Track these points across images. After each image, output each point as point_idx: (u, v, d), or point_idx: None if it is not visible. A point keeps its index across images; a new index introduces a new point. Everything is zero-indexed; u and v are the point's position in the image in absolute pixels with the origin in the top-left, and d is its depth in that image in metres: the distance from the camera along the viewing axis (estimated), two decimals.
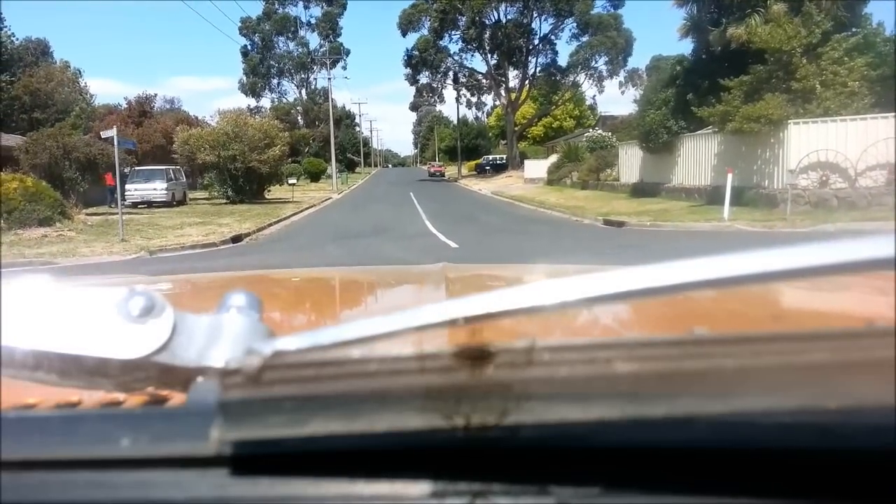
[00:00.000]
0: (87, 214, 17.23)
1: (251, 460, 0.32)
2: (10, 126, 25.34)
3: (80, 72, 37.96)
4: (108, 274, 6.41)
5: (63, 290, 0.34)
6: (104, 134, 12.46)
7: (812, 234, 10.26)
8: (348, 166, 67.23)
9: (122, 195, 23.04)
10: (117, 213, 13.34)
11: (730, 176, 11.70)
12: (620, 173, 21.82)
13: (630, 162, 20.83)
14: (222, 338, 0.33)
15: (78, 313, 0.33)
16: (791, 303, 0.92)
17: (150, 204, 21.96)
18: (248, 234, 13.52)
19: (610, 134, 27.58)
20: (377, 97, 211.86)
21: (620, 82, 49.03)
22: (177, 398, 0.37)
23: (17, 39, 36.87)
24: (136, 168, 23.52)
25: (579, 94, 52.61)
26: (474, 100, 57.59)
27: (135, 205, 22.15)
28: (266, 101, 62.00)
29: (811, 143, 12.01)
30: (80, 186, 17.62)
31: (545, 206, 19.44)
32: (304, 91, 62.09)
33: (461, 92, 54.68)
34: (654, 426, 0.30)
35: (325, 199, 28.92)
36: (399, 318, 0.31)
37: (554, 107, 51.80)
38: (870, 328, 0.31)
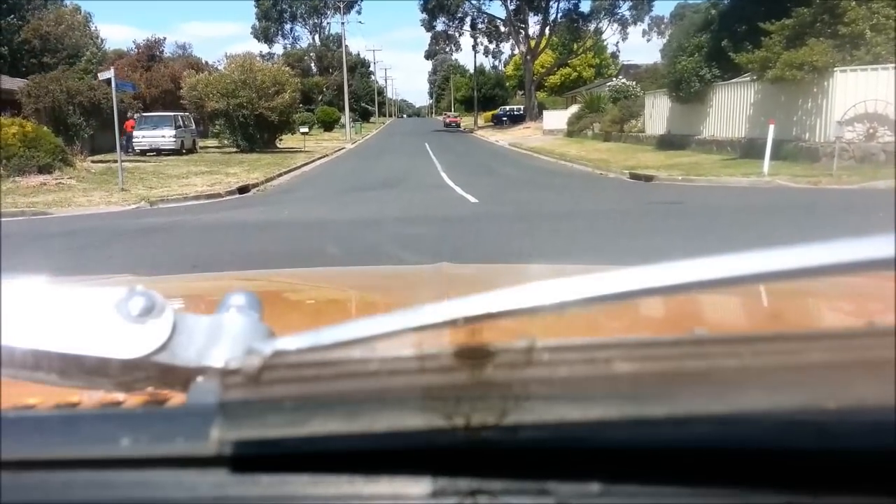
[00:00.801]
0: (94, 161, 16.68)
1: (251, 460, 0.33)
2: (21, 71, 25.01)
3: (90, 15, 36.96)
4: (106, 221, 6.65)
5: (63, 290, 0.35)
6: (102, 76, 11.82)
7: (860, 191, 9.35)
8: (362, 116, 66.27)
9: (128, 143, 22.22)
10: (126, 161, 12.67)
11: (771, 127, 10.91)
12: (646, 124, 20.95)
13: (657, 112, 19.92)
14: (222, 338, 0.34)
15: (78, 313, 0.34)
16: (791, 303, 0.92)
17: (158, 151, 21.97)
18: (255, 185, 12.96)
19: (634, 83, 26.33)
20: (392, 44, 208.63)
21: (644, 30, 47.00)
22: (177, 398, 0.38)
23: None
24: (144, 114, 23.06)
25: (600, 43, 50.71)
26: (492, 48, 55.82)
27: (143, 152, 21.67)
28: (279, 48, 60.61)
29: (858, 92, 11.22)
30: (84, 132, 16.94)
31: (566, 158, 19.17)
32: (317, 37, 60.59)
33: (478, 40, 52.89)
34: (654, 426, 0.30)
35: (338, 149, 28.30)
36: (399, 318, 0.31)
37: (574, 56, 49.98)
38: (870, 328, 0.31)
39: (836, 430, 0.31)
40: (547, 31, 44.90)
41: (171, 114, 23.25)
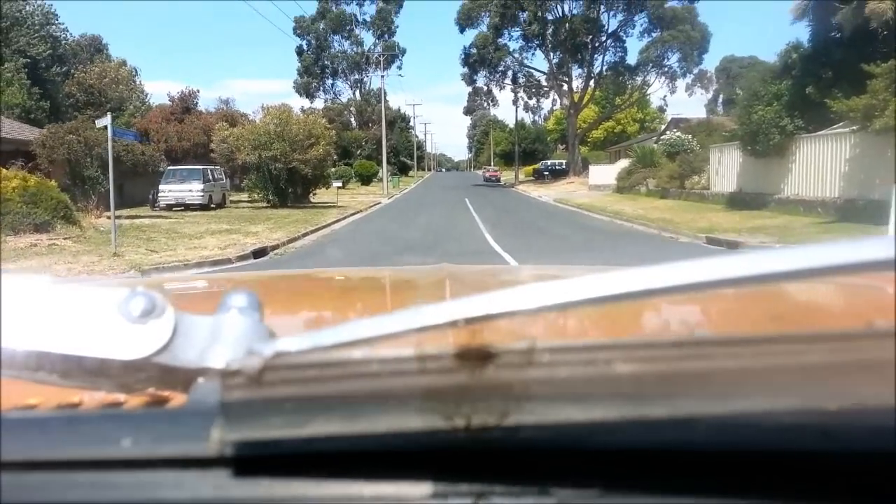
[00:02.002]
0: (111, 218, 15.15)
1: (252, 461, 0.33)
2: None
3: (136, 70, 36.77)
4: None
5: (64, 291, 0.36)
6: (99, 122, 10.30)
7: None
8: (401, 169, 65.46)
9: (154, 197, 20.73)
10: (145, 217, 11.01)
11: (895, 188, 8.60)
12: (712, 181, 18.91)
13: (725, 168, 17.98)
14: (223, 339, 0.35)
15: (79, 314, 0.35)
16: (791, 304, 0.93)
17: (186, 206, 21.61)
18: (275, 247, 12.55)
19: (690, 136, 24.34)
20: (432, 99, 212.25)
21: (687, 84, 45.51)
22: (178, 399, 0.39)
23: (72, 35, 35.67)
24: (171, 168, 21.86)
25: (645, 97, 49.09)
26: (532, 103, 54.91)
27: (169, 207, 20.49)
28: (319, 103, 60.44)
29: None
30: (101, 186, 15.51)
31: (622, 217, 18.07)
32: (357, 92, 60.29)
33: (518, 94, 51.88)
34: (655, 427, 0.31)
35: (374, 204, 26.77)
36: (400, 319, 0.32)
37: (618, 109, 48.46)
38: (870, 329, 0.32)
39: (837, 432, 0.31)
40: (591, 83, 43.35)
41: (200, 167, 22.32)
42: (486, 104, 62.85)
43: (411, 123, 79.58)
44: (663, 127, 56.95)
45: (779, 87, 15.28)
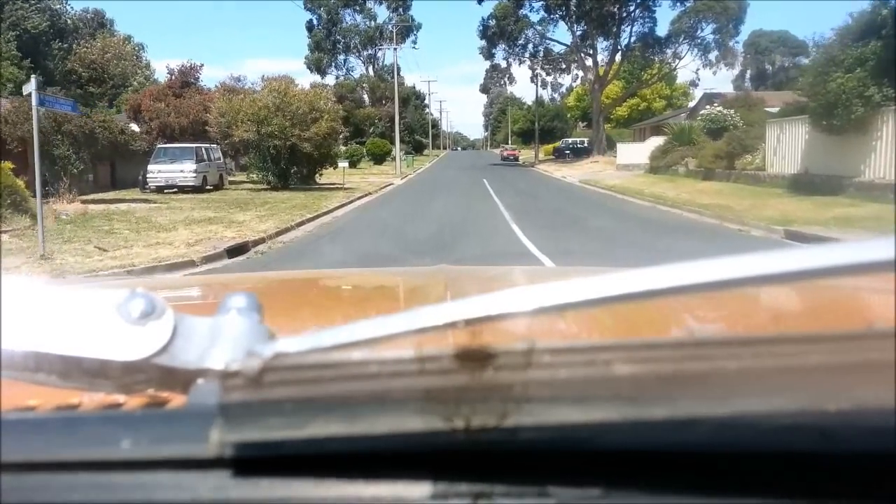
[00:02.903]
0: (86, 202, 13.07)
1: (252, 462, 0.34)
2: None
3: (142, 46, 34.53)
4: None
5: (63, 292, 0.37)
6: (25, 88, 8.13)
7: None
8: (415, 148, 63.17)
9: (144, 179, 18.49)
10: (129, 201, 9.02)
11: None
12: (768, 161, 16.39)
13: (787, 145, 15.52)
14: (222, 340, 0.36)
15: (78, 315, 0.36)
16: (791, 305, 0.93)
17: (179, 189, 19.94)
18: (259, 241, 10.44)
19: (732, 111, 21.90)
20: (447, 79, 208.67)
21: (711, 61, 42.95)
22: (177, 400, 0.40)
23: (73, 9, 33.60)
24: (162, 146, 19.67)
25: (672, 73, 46.40)
26: (550, 79, 52.24)
27: (159, 189, 18.02)
28: (332, 80, 58.04)
29: None
30: (74, 166, 13.40)
31: (665, 202, 16.04)
32: (370, 69, 57.83)
33: (537, 70, 49.36)
34: (655, 428, 0.32)
35: (385, 186, 24.67)
36: (399, 320, 0.33)
37: (645, 85, 45.91)
38: (869, 330, 0.33)
39: (836, 433, 0.32)
40: (618, 57, 40.61)
41: (193, 145, 20.50)
42: (503, 82, 60.57)
43: (426, 101, 77.24)
44: (691, 104, 54.33)
45: (863, 49, 12.79)
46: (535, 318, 0.32)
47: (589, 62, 43.79)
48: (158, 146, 21.04)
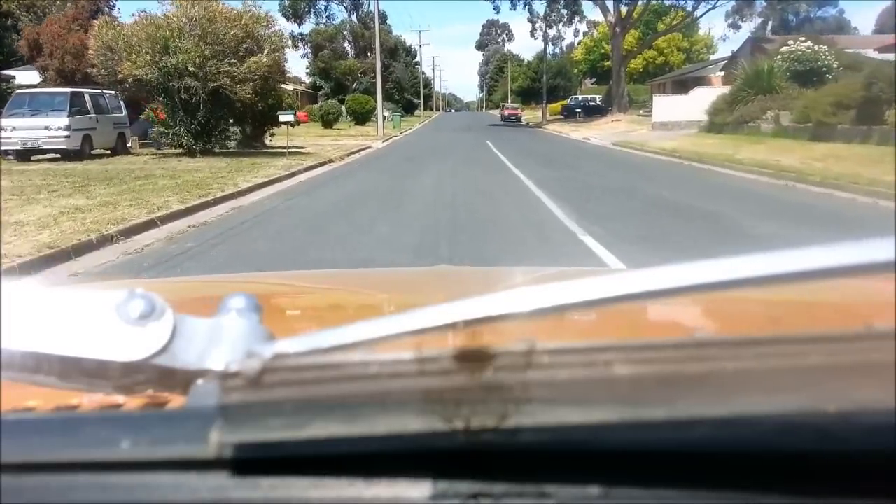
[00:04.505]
0: None
1: (251, 463, 0.34)
2: None
3: None
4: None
5: (63, 293, 0.37)
6: None
7: None
8: (406, 108, 56.06)
9: None
10: None
11: None
12: None
13: None
14: (222, 340, 0.36)
15: (78, 315, 0.36)
16: (790, 305, 0.92)
17: (51, 155, 13.69)
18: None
19: (825, 49, 15.86)
20: (441, 40, 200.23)
21: (727, 13, 37.50)
22: (177, 401, 0.40)
23: None
24: (22, 92, 13.07)
25: (694, 22, 40.64)
26: (553, 33, 46.28)
27: (20, 155, 11.47)
28: (310, 28, 50.82)
29: None
30: None
31: (804, 176, 10.21)
32: (354, 16, 50.77)
33: (537, 23, 43.49)
34: (654, 429, 0.32)
35: (359, 150, 20.77)
36: (399, 321, 0.33)
37: (659, 35, 39.75)
38: (869, 331, 0.33)
39: (836, 433, 0.32)
40: None
41: (68, 90, 13.78)
42: (499, 38, 54.59)
43: (417, 58, 70.22)
44: (712, 57, 47.70)
45: None
46: (534, 318, 0.32)
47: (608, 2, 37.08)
48: (17, 92, 14.72)
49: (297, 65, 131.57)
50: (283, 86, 17.95)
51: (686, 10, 38.27)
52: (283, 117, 14.85)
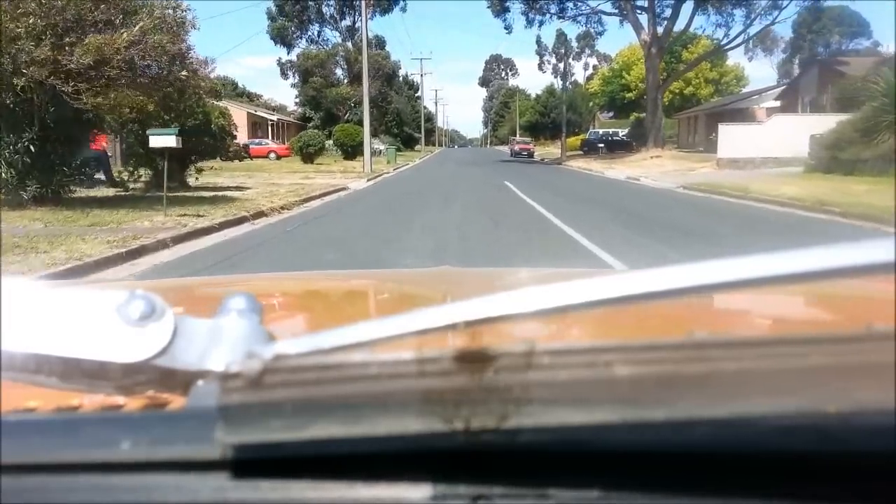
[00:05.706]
0: None
1: (252, 464, 0.35)
2: None
3: None
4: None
5: (63, 293, 0.37)
6: None
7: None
8: (405, 142, 50.42)
9: None
10: None
11: None
12: None
13: None
14: (223, 341, 0.36)
15: (78, 316, 0.36)
16: (791, 306, 0.93)
17: None
18: None
19: None
20: (442, 77, 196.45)
21: (747, 46, 33.01)
22: (177, 401, 0.40)
23: None
24: None
25: (721, 55, 40.07)
26: (561, 67, 42.35)
27: None
28: (299, 52, 45.57)
29: None
30: None
31: None
32: (349, 43, 45.54)
33: (544, 57, 39.07)
34: (654, 430, 0.32)
35: (325, 194, 14.80)
36: (399, 322, 0.33)
37: (689, 66, 35.21)
38: (869, 331, 0.33)
39: (837, 434, 0.32)
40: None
41: None
42: (503, 74, 50.61)
43: (419, 93, 65.48)
44: (744, 89, 41.76)
45: None
46: (535, 319, 0.32)
47: (642, 18, 31.93)
48: None
49: (287, 94, 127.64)
50: (216, 102, 12.48)
51: (717, 41, 33.28)
52: (154, 140, 8.88)
